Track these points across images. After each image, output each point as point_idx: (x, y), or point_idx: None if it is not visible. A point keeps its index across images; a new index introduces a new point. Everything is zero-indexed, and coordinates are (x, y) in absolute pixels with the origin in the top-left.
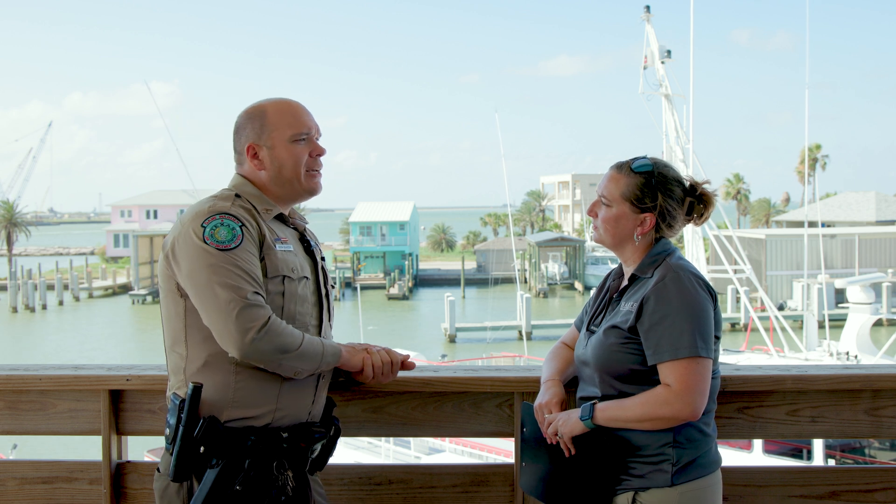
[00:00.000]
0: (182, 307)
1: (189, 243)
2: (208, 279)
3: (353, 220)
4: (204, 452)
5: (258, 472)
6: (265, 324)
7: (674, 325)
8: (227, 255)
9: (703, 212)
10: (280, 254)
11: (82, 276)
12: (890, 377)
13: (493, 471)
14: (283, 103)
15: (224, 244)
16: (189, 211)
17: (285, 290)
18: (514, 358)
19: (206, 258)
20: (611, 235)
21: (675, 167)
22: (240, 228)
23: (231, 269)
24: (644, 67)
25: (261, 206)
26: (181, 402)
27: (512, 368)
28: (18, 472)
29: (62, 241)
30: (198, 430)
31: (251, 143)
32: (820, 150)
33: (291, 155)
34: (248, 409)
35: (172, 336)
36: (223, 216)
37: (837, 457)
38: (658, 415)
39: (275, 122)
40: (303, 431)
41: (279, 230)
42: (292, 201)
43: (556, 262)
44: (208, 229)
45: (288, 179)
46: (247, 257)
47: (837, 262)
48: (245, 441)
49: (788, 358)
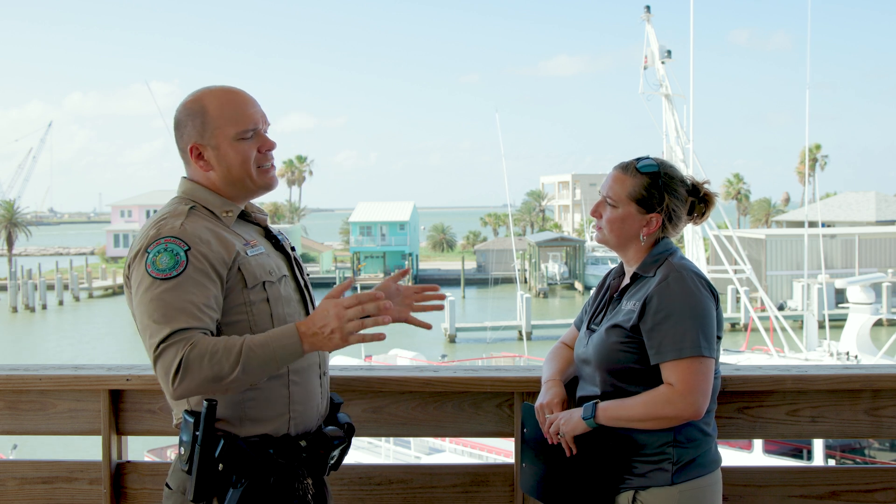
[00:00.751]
0: None
1: (137, 273)
2: (142, 317)
3: (353, 220)
4: (223, 470)
5: (282, 486)
6: (180, 363)
7: (677, 325)
8: (165, 286)
9: (705, 211)
10: (254, 260)
11: (82, 276)
12: (890, 377)
13: (493, 471)
14: (223, 95)
15: (164, 272)
16: (142, 229)
17: (269, 296)
18: (514, 358)
19: (144, 291)
20: (616, 236)
21: (676, 167)
22: (185, 253)
23: (163, 302)
24: (644, 67)
25: (220, 210)
26: (196, 420)
27: (512, 368)
28: (18, 472)
29: (62, 241)
30: (219, 451)
31: (194, 144)
32: (820, 150)
33: (238, 154)
34: (263, 423)
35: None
36: (168, 240)
37: (837, 457)
38: (661, 414)
39: (217, 119)
40: (321, 439)
41: (245, 233)
42: (248, 198)
43: (556, 262)
44: (151, 256)
45: (238, 178)
46: (188, 285)
47: (837, 262)
48: (265, 455)
49: (788, 358)
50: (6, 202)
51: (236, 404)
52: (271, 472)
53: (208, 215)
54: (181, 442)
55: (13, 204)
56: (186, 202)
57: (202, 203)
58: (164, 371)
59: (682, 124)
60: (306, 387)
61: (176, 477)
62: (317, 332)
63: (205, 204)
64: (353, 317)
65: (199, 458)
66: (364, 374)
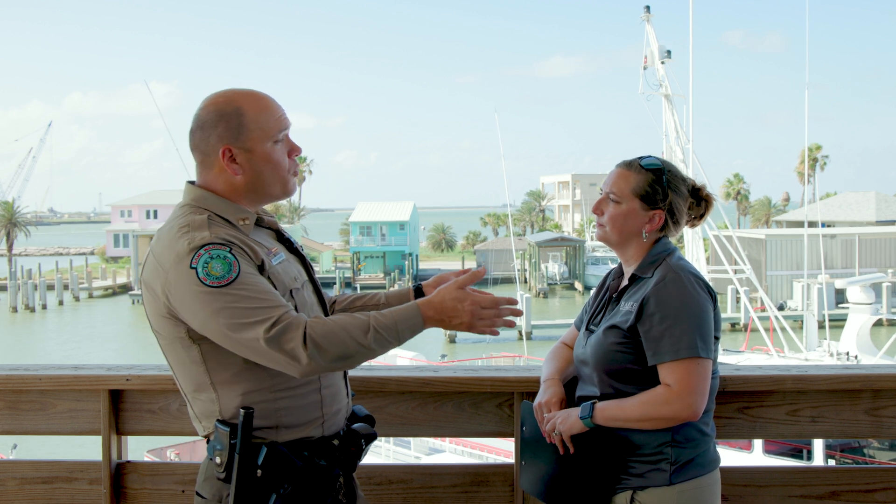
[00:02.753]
0: (197, 352)
1: (187, 291)
2: (223, 326)
3: (353, 220)
4: (261, 477)
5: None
6: (304, 342)
7: (674, 326)
8: (233, 289)
9: (704, 212)
10: (279, 268)
11: (82, 276)
12: (890, 377)
13: (493, 471)
14: (258, 99)
15: (224, 278)
16: (164, 249)
17: (297, 303)
18: (514, 358)
19: (211, 303)
20: (618, 233)
21: (677, 167)
22: (231, 253)
23: (241, 305)
24: (644, 68)
25: (235, 218)
26: (232, 429)
27: (512, 368)
28: (18, 472)
29: (62, 241)
30: (262, 458)
31: (226, 146)
32: (820, 150)
33: (272, 159)
34: (298, 429)
35: (194, 382)
36: (209, 248)
37: (837, 457)
38: (658, 415)
39: (254, 123)
40: (352, 437)
41: (263, 240)
42: (264, 204)
43: (556, 262)
44: (200, 268)
45: (267, 184)
46: (251, 280)
47: (837, 262)
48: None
49: (789, 358)
50: (6, 202)
51: (271, 413)
52: (312, 474)
53: (225, 224)
54: (215, 451)
55: (13, 204)
56: (200, 211)
57: (215, 212)
58: (290, 351)
59: (681, 124)
60: (335, 389)
61: (209, 485)
62: (444, 319)
63: (218, 213)
64: (486, 316)
65: (238, 465)
66: (363, 374)
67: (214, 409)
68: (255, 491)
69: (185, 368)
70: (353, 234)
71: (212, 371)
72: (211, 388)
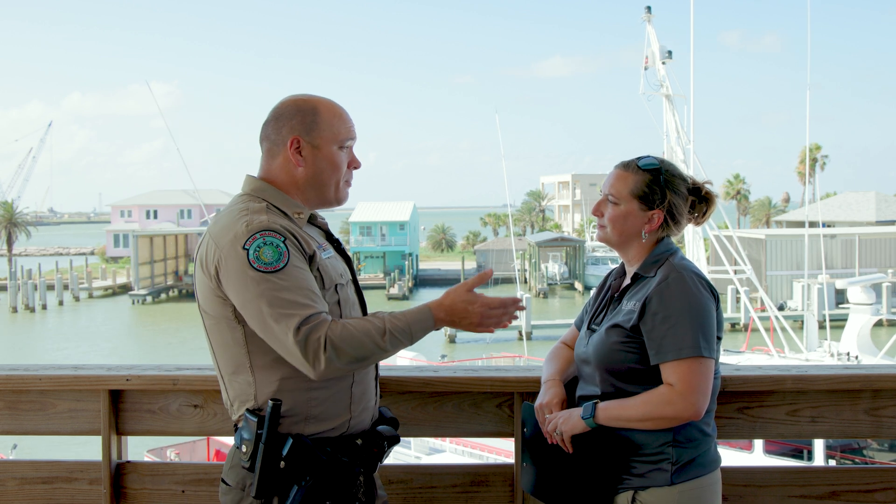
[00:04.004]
0: (241, 333)
1: (236, 270)
2: (261, 311)
3: (353, 220)
4: (285, 468)
5: (342, 484)
6: (326, 344)
7: (677, 326)
8: (278, 278)
9: (706, 210)
10: (328, 262)
11: (82, 276)
12: (890, 377)
13: (493, 471)
14: (334, 105)
15: (272, 265)
16: (223, 229)
17: (340, 298)
18: (514, 358)
19: (255, 287)
20: (618, 233)
21: (677, 167)
22: (283, 244)
23: (281, 295)
24: (645, 68)
25: (291, 211)
26: (260, 419)
27: (512, 368)
28: (18, 472)
29: (62, 241)
30: (287, 450)
31: (297, 136)
32: (820, 150)
33: (334, 160)
34: (323, 423)
35: (233, 364)
36: (264, 234)
37: (837, 457)
38: (660, 414)
39: (327, 122)
40: (375, 437)
41: (316, 235)
42: (317, 207)
43: (556, 262)
44: (252, 251)
45: (323, 184)
46: (296, 273)
47: (837, 263)
48: (329, 454)
49: (789, 358)
50: (6, 202)
51: (302, 403)
52: (334, 469)
53: (281, 215)
54: (242, 440)
55: (13, 204)
56: (258, 200)
57: (273, 203)
58: (313, 353)
59: (682, 124)
60: (365, 388)
61: (234, 473)
62: (455, 321)
63: (276, 204)
64: (495, 316)
65: (262, 455)
66: None
67: (250, 392)
68: (278, 481)
69: (226, 349)
70: (353, 234)
71: (252, 353)
72: (249, 371)
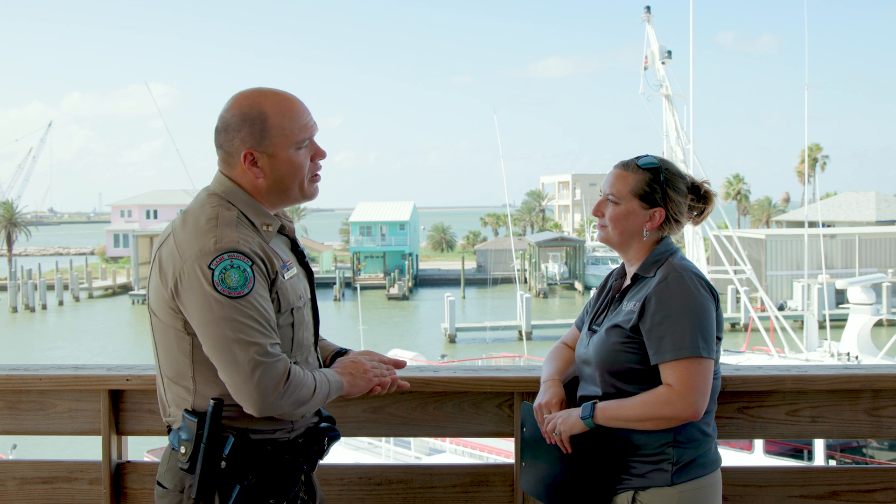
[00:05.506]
0: (188, 344)
1: (197, 288)
2: (223, 335)
3: (353, 220)
4: (226, 468)
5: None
6: (286, 381)
7: (676, 326)
8: (240, 304)
9: (704, 209)
10: (289, 284)
11: (82, 276)
12: (890, 377)
13: (493, 471)
14: (283, 103)
15: (236, 291)
16: (189, 237)
17: (294, 321)
18: (514, 358)
19: (219, 310)
20: (619, 233)
21: (677, 166)
22: (250, 269)
23: (246, 322)
24: (645, 68)
25: (259, 222)
26: (200, 419)
27: (512, 368)
28: (18, 472)
29: (62, 241)
30: (228, 449)
31: (249, 150)
32: (820, 150)
33: (294, 164)
34: (266, 434)
35: (175, 370)
36: (232, 256)
37: (838, 457)
38: (660, 414)
39: (277, 128)
40: (317, 435)
41: (281, 251)
42: (285, 206)
43: (556, 262)
44: (217, 273)
45: (287, 188)
46: (259, 301)
47: (837, 263)
48: (271, 453)
49: (789, 358)
50: (6, 202)
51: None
52: (277, 468)
53: (251, 227)
54: (180, 441)
55: (13, 204)
56: (229, 206)
57: (243, 211)
58: (267, 387)
59: (681, 124)
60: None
61: (171, 476)
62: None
63: (246, 213)
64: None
65: (203, 456)
66: None
67: (188, 399)
68: (219, 482)
69: (170, 355)
70: (353, 234)
71: (197, 364)
72: (191, 380)
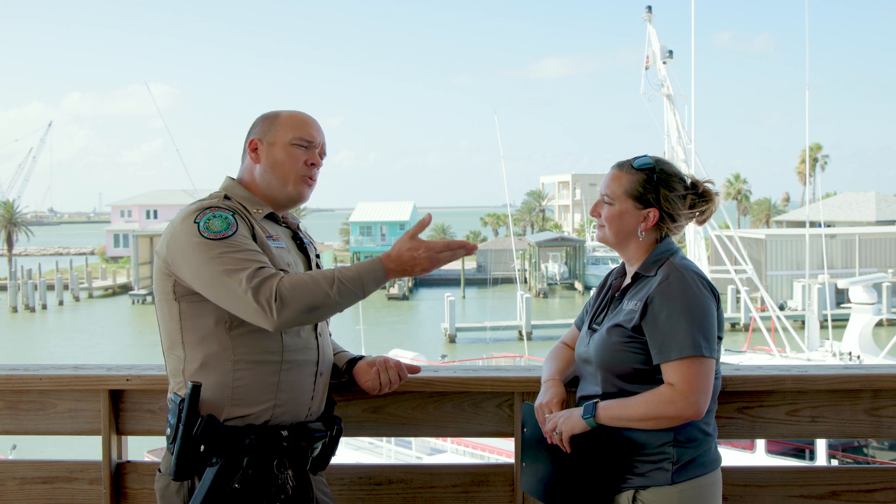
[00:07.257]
0: (177, 310)
1: (186, 242)
2: (214, 272)
3: (353, 220)
4: (204, 451)
5: (257, 470)
6: (276, 294)
7: (678, 325)
8: (226, 243)
9: (705, 208)
10: (274, 250)
11: (82, 276)
12: (890, 377)
13: (493, 471)
14: (297, 112)
15: (221, 233)
16: (178, 214)
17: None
18: (514, 358)
19: (206, 251)
20: (614, 233)
21: (676, 166)
22: (232, 217)
23: (233, 255)
24: (646, 68)
25: (251, 207)
26: (181, 401)
27: (512, 368)
28: (18, 472)
29: (62, 241)
30: (196, 428)
31: (254, 138)
32: (821, 150)
33: (288, 155)
34: (247, 406)
35: (169, 339)
36: (213, 209)
37: (839, 456)
38: (661, 414)
39: (283, 124)
40: (303, 430)
41: (270, 228)
42: (279, 205)
43: (556, 262)
44: (202, 223)
45: (277, 178)
46: (245, 241)
47: (838, 263)
48: (244, 439)
49: (790, 358)
50: (6, 202)
51: (225, 386)
52: (245, 454)
53: (239, 207)
54: (168, 424)
55: (13, 204)
56: (220, 194)
57: (236, 199)
58: (266, 301)
59: (682, 124)
60: (297, 380)
61: (165, 460)
62: (406, 269)
63: (238, 199)
64: (443, 259)
65: (181, 437)
66: None
67: (180, 367)
68: (195, 464)
69: (166, 325)
70: (353, 234)
71: (185, 330)
72: (181, 347)
